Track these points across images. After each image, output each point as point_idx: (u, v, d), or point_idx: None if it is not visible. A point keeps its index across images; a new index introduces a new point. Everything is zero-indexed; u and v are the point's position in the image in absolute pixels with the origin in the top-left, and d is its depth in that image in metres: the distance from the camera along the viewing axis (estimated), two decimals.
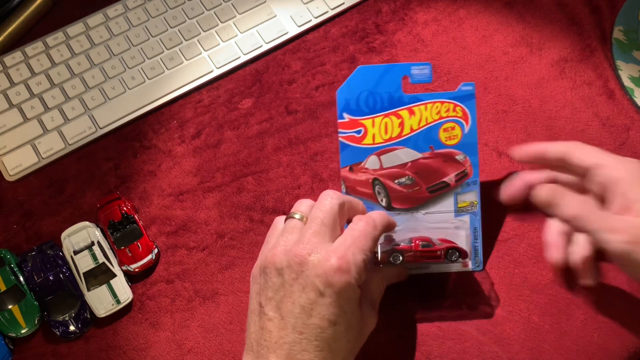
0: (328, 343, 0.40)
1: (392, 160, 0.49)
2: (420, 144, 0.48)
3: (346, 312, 0.41)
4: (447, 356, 0.48)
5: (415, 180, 0.48)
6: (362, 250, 0.42)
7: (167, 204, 0.56)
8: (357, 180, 0.49)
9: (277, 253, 0.42)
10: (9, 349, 0.49)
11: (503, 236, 0.53)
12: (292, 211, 0.45)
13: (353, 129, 0.49)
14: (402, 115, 0.48)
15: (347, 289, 0.40)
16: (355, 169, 0.49)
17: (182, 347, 0.50)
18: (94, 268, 0.51)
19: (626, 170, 0.43)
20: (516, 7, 0.63)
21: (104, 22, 0.62)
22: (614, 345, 0.48)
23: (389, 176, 0.49)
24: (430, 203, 0.48)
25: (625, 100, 0.58)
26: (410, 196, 0.48)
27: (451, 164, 0.48)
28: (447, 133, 0.48)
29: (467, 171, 0.48)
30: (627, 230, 0.41)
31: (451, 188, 0.48)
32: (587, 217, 0.43)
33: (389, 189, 0.48)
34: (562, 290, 0.50)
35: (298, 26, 0.63)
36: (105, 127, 0.58)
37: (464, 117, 0.48)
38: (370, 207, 0.48)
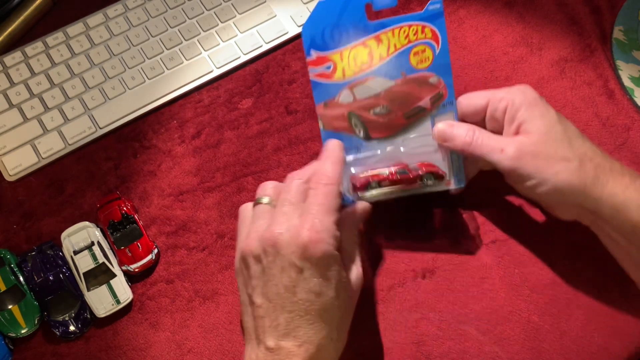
0: (319, 314, 0.41)
1: (365, 92, 0.48)
2: (392, 72, 0.47)
3: (330, 279, 0.41)
4: (447, 356, 0.48)
5: (391, 109, 0.48)
6: (328, 212, 0.42)
7: (167, 204, 0.56)
8: (333, 116, 0.48)
9: (251, 241, 0.43)
10: (9, 349, 0.49)
11: (503, 236, 0.53)
12: (258, 196, 0.46)
13: (322, 65, 0.48)
14: (370, 45, 0.47)
15: (325, 257, 0.41)
16: (330, 104, 0.48)
17: (182, 347, 0.50)
18: (94, 268, 0.51)
19: (517, 96, 0.46)
20: (516, 7, 0.63)
21: (104, 22, 0.62)
22: (614, 345, 0.48)
23: (364, 107, 0.48)
24: (408, 129, 0.48)
25: (625, 100, 0.58)
26: (388, 124, 0.48)
27: (425, 88, 0.47)
28: (418, 57, 0.47)
29: (442, 93, 0.47)
30: (513, 148, 0.44)
31: (427, 112, 0.48)
32: (477, 143, 0.45)
33: (364, 120, 0.48)
34: (562, 290, 0.50)
35: (298, 26, 0.63)
36: (105, 127, 0.58)
37: (434, 38, 0.47)
38: (349, 139, 0.48)
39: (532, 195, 0.46)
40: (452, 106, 0.48)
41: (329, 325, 0.41)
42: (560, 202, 0.46)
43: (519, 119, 0.45)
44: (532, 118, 0.45)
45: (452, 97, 0.48)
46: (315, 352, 0.40)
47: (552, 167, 0.43)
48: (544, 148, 0.44)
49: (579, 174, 0.43)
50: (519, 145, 0.44)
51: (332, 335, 0.41)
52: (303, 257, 0.40)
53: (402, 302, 0.51)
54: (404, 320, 0.50)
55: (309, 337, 0.40)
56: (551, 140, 0.44)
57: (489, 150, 0.45)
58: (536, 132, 0.44)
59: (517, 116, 0.45)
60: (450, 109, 0.48)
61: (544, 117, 0.45)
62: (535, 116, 0.45)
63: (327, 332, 0.41)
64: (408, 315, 0.50)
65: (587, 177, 0.43)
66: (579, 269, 0.51)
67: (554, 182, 0.43)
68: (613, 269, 0.51)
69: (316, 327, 0.41)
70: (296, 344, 0.40)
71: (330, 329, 0.41)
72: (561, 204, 0.47)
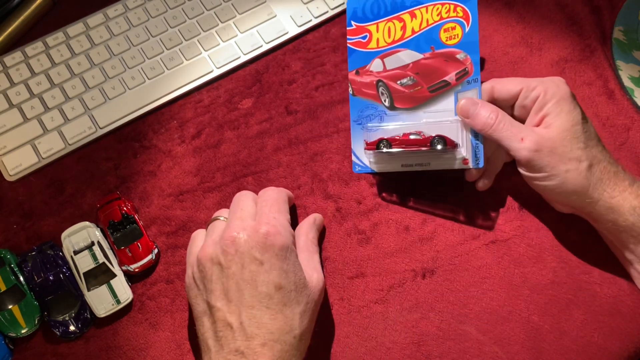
0: (280, 308, 0.41)
1: (395, 62, 0.51)
2: (422, 45, 0.50)
3: (288, 272, 0.42)
4: (447, 356, 0.48)
5: (417, 81, 0.50)
6: (280, 211, 0.45)
7: (167, 204, 0.56)
8: (363, 83, 0.52)
9: (206, 248, 0.44)
10: (9, 349, 0.49)
11: (503, 236, 0.53)
12: (214, 216, 0.48)
13: (359, 35, 0.52)
14: (404, 19, 0.51)
15: (283, 250, 0.42)
16: (361, 71, 0.52)
17: (182, 347, 0.50)
18: (94, 268, 0.51)
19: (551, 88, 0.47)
20: (516, 7, 0.63)
21: (104, 22, 0.62)
22: (614, 345, 0.48)
23: (392, 77, 0.51)
24: (431, 102, 0.50)
25: (625, 100, 0.58)
26: (412, 96, 0.50)
27: (451, 63, 0.50)
28: (448, 33, 0.50)
29: (468, 69, 0.49)
30: (533, 139, 0.45)
31: (452, 87, 0.50)
32: (499, 127, 0.47)
33: (391, 89, 0.51)
34: (562, 290, 0.50)
35: (298, 26, 0.63)
36: (105, 127, 0.58)
37: (465, 17, 0.50)
38: (374, 107, 0.52)
39: (536, 185, 0.48)
40: (476, 84, 0.49)
41: (291, 320, 0.41)
42: (561, 199, 0.48)
43: (545, 111, 0.46)
44: (557, 112, 0.46)
45: (477, 74, 0.49)
46: (279, 349, 0.40)
47: (564, 165, 0.45)
48: (560, 145, 0.45)
49: (586, 176, 0.45)
50: (538, 138, 0.45)
51: (296, 332, 0.42)
52: (263, 250, 0.42)
53: (402, 302, 0.51)
54: (404, 320, 0.50)
55: (272, 335, 0.40)
56: (569, 138, 0.45)
57: (508, 136, 0.46)
58: (557, 128, 0.45)
59: (544, 108, 0.46)
60: (475, 86, 0.49)
61: (569, 113, 0.46)
62: (561, 111, 0.46)
63: (289, 328, 0.41)
64: (408, 315, 0.50)
65: (592, 180, 0.45)
66: (579, 269, 0.51)
67: (562, 179, 0.45)
68: (613, 269, 0.51)
69: (278, 323, 0.41)
70: (260, 343, 0.40)
71: (292, 325, 0.41)
72: (560, 200, 0.48)
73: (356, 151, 0.52)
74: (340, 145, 0.57)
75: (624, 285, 0.50)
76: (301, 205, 0.55)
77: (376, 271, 0.52)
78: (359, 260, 0.52)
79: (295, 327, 0.42)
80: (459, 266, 0.52)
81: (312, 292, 0.44)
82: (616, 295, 0.50)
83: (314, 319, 0.45)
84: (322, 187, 0.55)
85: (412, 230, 0.53)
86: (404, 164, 0.51)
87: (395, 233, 0.53)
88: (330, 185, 0.55)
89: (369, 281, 0.51)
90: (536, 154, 0.45)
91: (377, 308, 0.50)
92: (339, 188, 0.55)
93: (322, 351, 0.49)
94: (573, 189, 0.45)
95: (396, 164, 0.51)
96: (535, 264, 0.51)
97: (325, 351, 0.49)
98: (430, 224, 0.53)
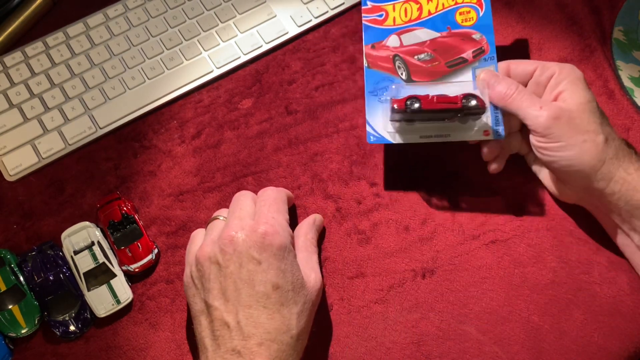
0: (277, 308, 0.41)
1: (412, 39, 0.51)
2: (438, 25, 0.51)
3: (286, 272, 0.42)
4: (447, 356, 0.48)
5: (434, 56, 0.50)
6: (279, 211, 0.45)
7: (167, 204, 0.56)
8: (379, 56, 0.52)
9: (205, 247, 0.44)
10: (9, 349, 0.49)
11: (503, 236, 0.53)
12: (213, 216, 0.48)
13: (375, 13, 0.52)
14: (420, 1, 0.52)
15: (281, 249, 0.42)
16: (377, 46, 0.52)
17: (182, 347, 0.50)
18: (94, 268, 0.51)
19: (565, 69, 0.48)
20: (516, 7, 0.63)
21: (104, 22, 0.62)
22: (614, 345, 0.48)
23: (409, 52, 0.51)
24: (449, 76, 0.50)
25: (625, 100, 0.58)
26: (430, 70, 0.50)
27: (468, 42, 0.50)
28: (463, 16, 0.51)
29: (484, 48, 0.50)
30: (552, 107, 0.46)
31: (469, 63, 0.50)
32: (518, 97, 0.47)
33: (408, 64, 0.51)
34: (562, 290, 0.50)
35: (298, 26, 0.63)
36: (105, 127, 0.58)
37: (479, 4, 0.51)
38: (391, 79, 0.51)
39: (552, 156, 0.47)
40: (493, 61, 0.50)
41: (288, 320, 0.41)
42: (574, 174, 0.47)
43: (561, 88, 0.47)
44: (573, 90, 0.46)
45: (493, 52, 0.50)
46: (276, 349, 0.40)
47: (582, 135, 0.45)
48: (578, 117, 0.45)
49: (603, 148, 0.45)
50: (556, 107, 0.46)
51: (293, 332, 0.41)
52: (261, 249, 0.42)
53: (402, 302, 0.51)
54: (404, 320, 0.50)
55: (269, 334, 0.40)
56: (586, 112, 0.46)
57: (528, 104, 0.46)
58: (574, 102, 0.46)
59: (560, 85, 0.47)
60: (492, 63, 0.50)
61: (584, 91, 0.47)
62: (576, 89, 0.47)
63: (286, 328, 0.41)
64: (408, 315, 0.50)
65: (608, 154, 0.45)
66: (579, 269, 0.51)
67: (579, 150, 0.45)
68: (613, 269, 0.51)
69: (276, 323, 0.41)
70: (256, 342, 0.40)
71: (290, 325, 0.41)
72: (574, 176, 0.47)
73: (371, 120, 0.50)
74: (340, 145, 0.57)
75: (624, 285, 0.50)
76: (301, 205, 0.55)
77: (376, 271, 0.52)
78: (359, 260, 0.52)
79: (292, 327, 0.42)
80: (459, 266, 0.52)
81: (310, 293, 0.44)
82: (616, 295, 0.50)
83: (311, 320, 0.45)
84: (322, 187, 0.55)
85: (412, 230, 0.53)
86: (423, 135, 0.49)
87: (395, 233, 0.53)
88: (330, 185, 0.55)
89: (369, 281, 0.51)
90: (555, 121, 0.45)
91: (377, 308, 0.50)
92: (339, 188, 0.55)
93: (322, 351, 0.49)
94: (589, 161, 0.45)
95: (414, 135, 0.49)
96: (535, 264, 0.51)
97: (325, 351, 0.49)
98: (430, 224, 0.53)
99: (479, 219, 0.53)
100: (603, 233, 0.51)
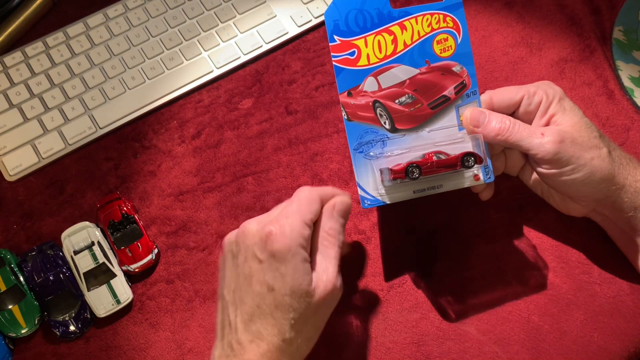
0: (270, 310, 0.41)
1: (390, 80, 0.48)
2: (416, 59, 0.48)
3: (285, 276, 0.41)
4: (447, 356, 0.48)
5: (416, 98, 0.48)
6: (298, 212, 0.43)
7: (167, 204, 0.56)
8: (357, 105, 0.48)
9: (230, 234, 0.44)
10: (9, 349, 0.49)
11: (503, 236, 0.53)
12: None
13: (346, 51, 0.48)
14: (394, 31, 0.47)
15: (283, 251, 0.41)
16: (353, 93, 0.48)
17: (182, 347, 0.50)
18: (94, 268, 0.51)
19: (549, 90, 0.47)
20: (516, 7, 0.63)
21: (104, 22, 0.62)
22: (614, 345, 0.48)
23: (389, 96, 0.48)
24: (433, 120, 0.48)
25: (625, 101, 0.58)
26: (413, 115, 0.48)
27: (449, 77, 0.48)
28: (441, 45, 0.48)
29: (466, 82, 0.48)
30: (554, 131, 0.45)
31: (452, 101, 0.48)
32: (515, 129, 0.45)
33: (390, 109, 0.48)
34: (562, 290, 0.50)
35: (298, 26, 0.63)
36: (105, 127, 0.58)
37: (456, 27, 0.47)
38: (374, 131, 0.48)
39: (563, 182, 0.46)
40: (475, 96, 0.48)
41: (280, 324, 0.41)
42: (588, 191, 0.46)
43: (551, 112, 0.46)
44: (562, 111, 0.46)
45: (475, 86, 0.48)
46: (266, 349, 0.40)
47: (588, 153, 0.45)
48: (578, 135, 0.45)
49: (609, 161, 0.45)
50: (557, 131, 0.45)
51: (285, 336, 0.41)
52: (263, 249, 0.41)
53: (402, 302, 0.51)
54: (404, 320, 0.50)
55: (260, 333, 0.40)
56: (583, 128, 0.45)
57: (527, 134, 0.45)
58: (569, 122, 0.46)
59: (549, 109, 0.46)
60: (474, 98, 0.48)
61: (572, 110, 0.46)
62: (565, 109, 0.46)
63: (278, 330, 0.41)
64: (408, 315, 0.50)
65: (615, 165, 0.45)
66: (579, 269, 0.51)
67: (590, 168, 0.44)
68: (613, 269, 0.51)
69: (268, 324, 0.41)
70: (248, 339, 0.40)
71: (282, 329, 0.41)
72: (587, 193, 0.47)
73: (362, 184, 0.47)
74: (340, 145, 0.57)
75: (624, 285, 0.50)
76: None
77: (376, 271, 0.52)
78: (359, 260, 0.52)
79: (284, 331, 0.41)
80: (459, 266, 0.52)
81: (315, 300, 0.42)
82: (616, 295, 0.50)
83: (318, 325, 0.44)
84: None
85: (412, 230, 0.53)
86: (416, 189, 0.48)
87: (395, 233, 0.53)
88: (330, 185, 0.55)
89: (369, 281, 0.51)
90: (561, 145, 0.44)
91: (377, 308, 0.50)
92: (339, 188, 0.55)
93: (322, 351, 0.49)
94: (601, 176, 0.45)
95: (408, 192, 0.48)
96: (535, 264, 0.51)
97: (325, 351, 0.49)
98: (430, 224, 0.53)
99: (479, 219, 0.53)
100: (603, 233, 0.51)
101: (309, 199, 0.44)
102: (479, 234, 0.53)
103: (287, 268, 0.41)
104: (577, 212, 0.49)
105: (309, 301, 0.42)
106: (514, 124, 0.46)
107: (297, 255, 0.42)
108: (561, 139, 0.44)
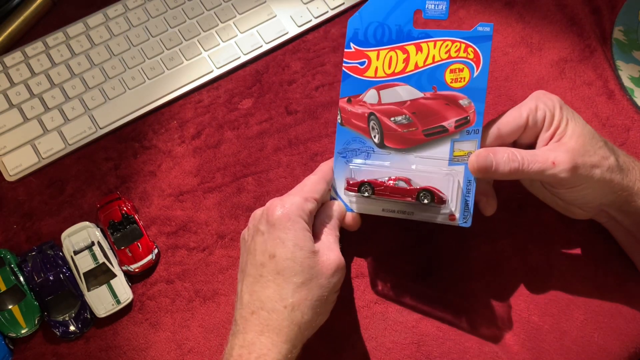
0: (272, 276, 0.42)
1: (392, 97, 0.47)
2: (423, 83, 0.46)
3: (286, 242, 0.42)
4: (447, 356, 0.48)
5: (412, 121, 0.46)
6: (302, 190, 0.45)
7: (167, 204, 0.55)
8: (353, 113, 0.48)
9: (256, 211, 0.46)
10: (9, 349, 0.49)
11: (503, 236, 0.53)
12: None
13: (357, 60, 0.47)
14: (409, 51, 0.46)
15: (282, 219, 0.42)
16: (353, 100, 0.48)
17: (182, 347, 0.50)
18: (94, 268, 0.51)
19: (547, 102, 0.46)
20: (516, 7, 0.63)
21: (104, 22, 0.62)
22: (614, 345, 0.48)
23: (386, 112, 0.47)
24: (424, 147, 0.46)
25: (625, 101, 0.58)
26: (405, 136, 0.46)
27: (453, 108, 0.45)
28: (454, 75, 0.45)
29: (470, 118, 0.45)
30: (563, 157, 0.43)
31: (449, 134, 0.46)
32: (527, 164, 0.43)
33: (383, 125, 0.47)
34: (562, 290, 0.50)
35: (298, 26, 0.63)
36: (105, 127, 0.58)
37: (476, 60, 0.45)
38: (362, 142, 0.48)
39: (576, 197, 0.46)
40: (476, 135, 0.45)
41: (281, 289, 0.41)
42: (597, 201, 0.46)
43: (555, 124, 0.45)
44: (565, 121, 0.45)
45: (479, 125, 0.45)
46: (265, 317, 0.41)
47: (598, 168, 0.44)
48: (587, 150, 0.44)
49: (618, 171, 0.45)
50: (566, 153, 0.43)
51: (286, 301, 0.41)
52: (265, 222, 0.43)
53: (402, 302, 0.51)
54: (404, 320, 0.50)
55: (260, 303, 0.41)
56: (589, 139, 0.45)
57: (540, 167, 0.43)
58: (574, 134, 0.44)
59: (554, 121, 0.45)
60: (475, 137, 0.45)
61: (573, 118, 0.45)
62: (567, 119, 0.45)
63: (279, 296, 0.41)
64: (408, 315, 0.50)
65: (623, 173, 0.45)
66: (579, 269, 0.51)
67: (601, 183, 0.44)
68: (613, 269, 0.51)
69: (268, 291, 0.41)
70: (250, 311, 0.41)
71: (283, 294, 0.41)
72: (599, 201, 0.46)
73: (336, 187, 0.48)
74: None
75: (624, 286, 0.50)
76: None
77: (376, 271, 0.52)
78: (359, 260, 0.52)
79: (286, 296, 0.41)
80: (459, 266, 0.52)
81: (321, 268, 0.42)
82: (616, 296, 0.50)
83: (322, 299, 0.42)
84: None
85: (412, 230, 0.53)
86: (386, 208, 0.47)
87: (395, 233, 0.53)
88: None
89: (369, 281, 0.51)
90: (575, 171, 0.43)
91: (377, 308, 0.50)
92: None
93: (322, 351, 0.49)
94: (611, 186, 0.44)
95: (377, 208, 0.47)
96: (535, 263, 0.51)
97: (325, 351, 0.49)
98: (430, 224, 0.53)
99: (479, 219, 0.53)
100: (604, 233, 0.51)
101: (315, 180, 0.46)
102: (479, 233, 0.53)
103: (288, 234, 0.42)
104: (581, 216, 0.49)
105: (313, 266, 0.42)
106: (524, 157, 0.44)
107: (297, 224, 0.43)
108: (573, 164, 0.43)
